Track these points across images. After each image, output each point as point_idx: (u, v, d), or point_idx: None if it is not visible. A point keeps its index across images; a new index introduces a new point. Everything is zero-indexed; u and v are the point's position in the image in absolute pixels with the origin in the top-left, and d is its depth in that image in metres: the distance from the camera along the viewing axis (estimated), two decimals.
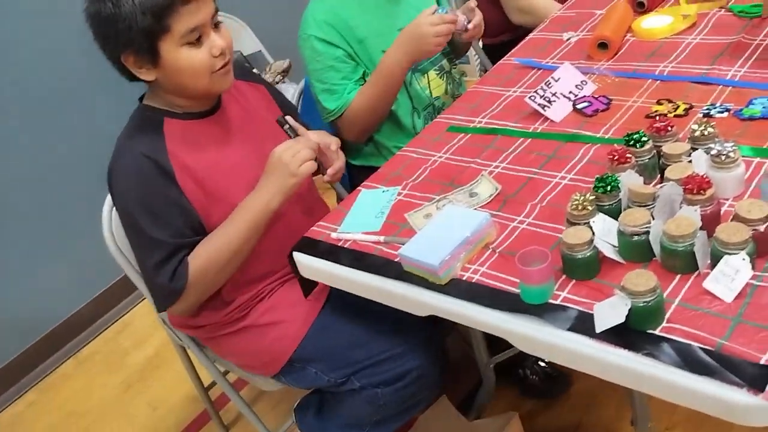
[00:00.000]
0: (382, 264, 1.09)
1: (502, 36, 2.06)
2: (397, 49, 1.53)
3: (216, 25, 1.20)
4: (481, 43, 2.24)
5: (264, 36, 2.71)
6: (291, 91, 2.06)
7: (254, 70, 2.53)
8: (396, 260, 1.07)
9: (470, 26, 1.55)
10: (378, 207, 1.23)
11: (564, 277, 0.95)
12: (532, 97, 1.33)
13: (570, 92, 1.35)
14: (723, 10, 1.48)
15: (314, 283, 1.23)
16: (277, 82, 2.59)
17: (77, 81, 2.29)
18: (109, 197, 1.36)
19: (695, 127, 1.03)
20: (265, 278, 1.35)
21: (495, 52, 2.01)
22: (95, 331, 2.44)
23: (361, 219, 1.21)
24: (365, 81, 1.60)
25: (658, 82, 1.32)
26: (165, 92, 1.24)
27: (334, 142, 1.36)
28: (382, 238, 1.14)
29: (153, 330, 2.33)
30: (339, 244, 1.16)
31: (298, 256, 1.18)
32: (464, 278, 1.00)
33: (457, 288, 0.99)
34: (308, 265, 1.16)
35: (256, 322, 1.34)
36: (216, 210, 1.25)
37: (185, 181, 1.22)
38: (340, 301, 1.32)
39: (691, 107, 1.20)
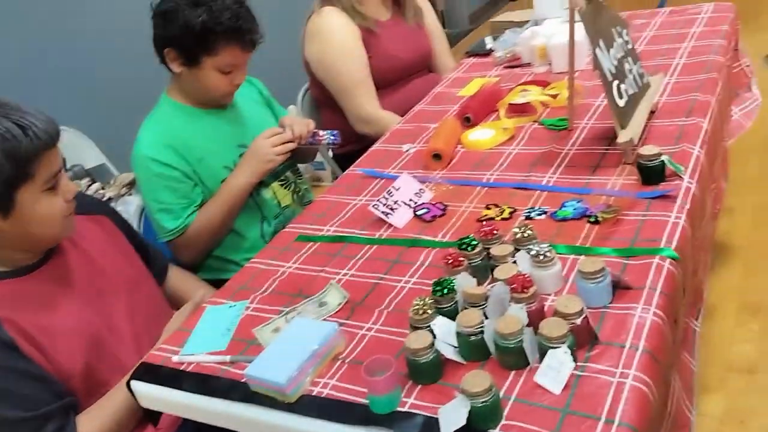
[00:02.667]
0: (228, 386, 1.05)
1: (350, 146, 2.17)
2: (241, 170, 1.61)
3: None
4: (331, 153, 2.34)
5: (107, 148, 2.64)
6: (134, 203, 2.01)
7: (99, 189, 2.44)
8: (243, 381, 1.04)
9: (297, 141, 1.66)
10: (224, 324, 1.20)
11: (410, 382, 0.97)
12: (376, 206, 1.40)
13: (410, 200, 1.43)
14: (536, 123, 1.68)
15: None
16: (123, 195, 2.51)
17: None
18: None
19: (516, 230, 1.14)
20: None
21: (344, 161, 2.11)
22: None
23: (205, 338, 1.17)
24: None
25: (486, 188, 1.44)
26: None
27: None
28: (228, 358, 1.10)
29: None
30: (181, 368, 1.11)
31: (136, 385, 1.11)
32: (314, 393, 0.99)
33: (307, 405, 0.98)
34: (147, 394, 1.09)
35: None
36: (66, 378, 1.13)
37: (29, 349, 1.10)
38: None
39: (515, 211, 1.32)
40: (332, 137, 1.73)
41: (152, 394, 1.09)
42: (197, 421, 1.09)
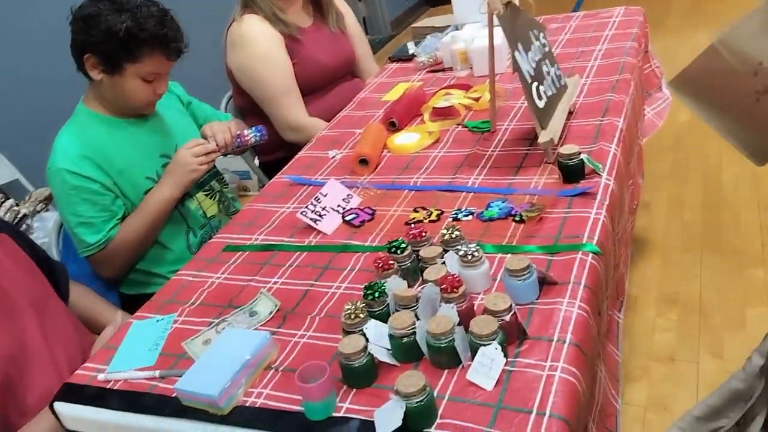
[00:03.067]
0: (158, 402, 1.01)
1: (277, 153, 2.14)
2: (164, 182, 1.57)
3: None
4: (257, 161, 2.31)
5: (21, 163, 2.51)
6: (52, 218, 1.92)
7: (13, 205, 2.31)
8: (174, 396, 1.01)
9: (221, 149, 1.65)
10: (152, 339, 1.16)
11: (345, 387, 0.96)
12: (304, 213, 1.39)
13: (338, 205, 1.43)
14: (460, 126, 1.71)
15: None
16: (39, 211, 2.39)
17: None
18: None
19: (444, 231, 1.15)
20: None
21: (270, 168, 2.09)
22: None
23: (132, 354, 1.12)
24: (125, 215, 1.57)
25: (413, 191, 1.45)
26: None
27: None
28: (157, 373, 1.07)
29: None
30: (108, 386, 1.06)
31: (60, 407, 1.05)
32: (248, 404, 0.97)
33: (241, 416, 0.96)
34: (71, 415, 1.04)
35: None
36: None
37: None
38: None
39: (442, 213, 1.34)
40: (258, 134, 1.71)
41: (77, 415, 1.04)
42: None
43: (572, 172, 1.32)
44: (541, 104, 1.42)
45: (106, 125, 1.57)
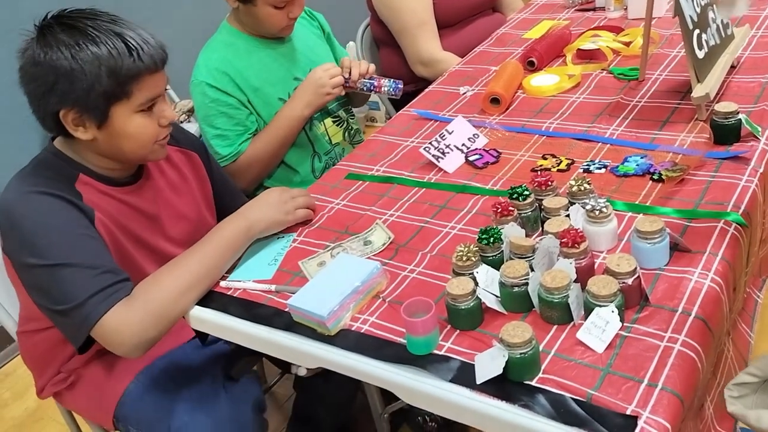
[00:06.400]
0: (272, 314, 1.06)
1: (407, 87, 2.11)
2: (297, 100, 1.59)
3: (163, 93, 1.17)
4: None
5: (169, 74, 2.66)
6: (193, 129, 2.03)
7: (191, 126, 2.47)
8: (286, 310, 1.05)
9: (351, 82, 1.61)
10: (272, 254, 1.21)
11: (449, 327, 0.96)
12: (427, 149, 1.37)
13: (463, 144, 1.39)
14: (605, 71, 1.59)
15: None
16: (182, 122, 2.54)
17: None
18: None
19: (572, 182, 1.09)
20: None
21: (399, 101, 2.07)
22: None
23: (253, 267, 1.18)
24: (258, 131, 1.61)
25: (544, 137, 1.38)
26: (92, 152, 1.16)
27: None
28: (273, 287, 1.12)
29: None
30: (228, 293, 1.13)
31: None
32: (353, 329, 1.00)
33: (345, 339, 0.98)
34: (195, 315, 1.12)
35: (86, 372, 1.28)
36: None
37: (102, 233, 1.13)
38: (165, 361, 1.28)
39: (573, 163, 1.27)
40: (393, 87, 1.65)
41: (200, 316, 1.12)
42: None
43: (726, 132, 1.19)
44: (700, 54, 1.28)
45: (245, 44, 1.62)
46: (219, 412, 1.21)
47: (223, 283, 1.15)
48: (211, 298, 1.13)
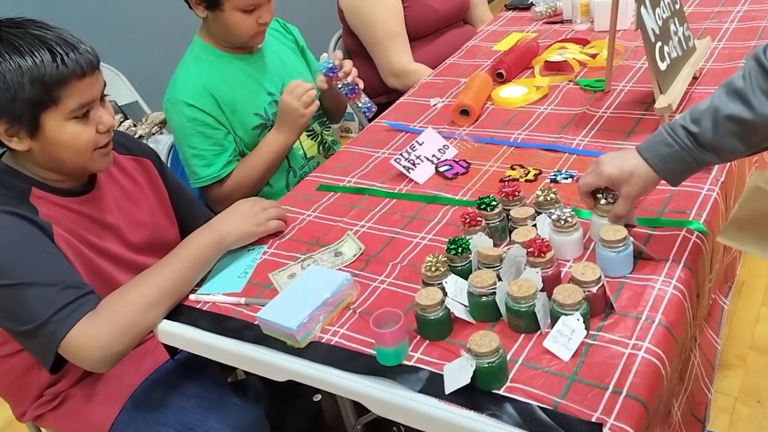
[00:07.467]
0: (241, 327, 1.06)
1: (378, 98, 2.13)
2: (279, 131, 1.60)
3: (101, 99, 1.14)
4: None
5: (140, 86, 2.64)
6: (165, 141, 2.01)
7: (130, 126, 2.45)
8: (256, 323, 1.05)
9: (340, 74, 1.60)
10: (242, 267, 1.20)
11: (418, 337, 0.96)
12: (398, 160, 1.38)
13: (433, 155, 1.41)
14: (571, 83, 1.62)
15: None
16: (153, 134, 2.52)
17: None
18: None
19: (539, 192, 1.10)
20: None
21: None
22: None
23: (223, 279, 1.18)
24: (237, 155, 1.62)
25: (513, 148, 1.40)
26: (33, 163, 1.14)
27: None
28: (243, 300, 1.11)
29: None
30: (198, 306, 1.12)
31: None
32: (323, 341, 1.00)
33: (315, 351, 0.98)
34: (164, 329, 1.11)
35: (74, 393, 1.25)
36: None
37: (63, 247, 1.11)
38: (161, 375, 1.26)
39: (540, 173, 1.29)
40: (368, 107, 1.65)
41: (168, 330, 1.11)
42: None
43: None
44: (663, 66, 1.31)
45: (217, 59, 1.61)
46: (230, 415, 1.20)
47: (192, 297, 1.14)
48: (180, 312, 1.12)
